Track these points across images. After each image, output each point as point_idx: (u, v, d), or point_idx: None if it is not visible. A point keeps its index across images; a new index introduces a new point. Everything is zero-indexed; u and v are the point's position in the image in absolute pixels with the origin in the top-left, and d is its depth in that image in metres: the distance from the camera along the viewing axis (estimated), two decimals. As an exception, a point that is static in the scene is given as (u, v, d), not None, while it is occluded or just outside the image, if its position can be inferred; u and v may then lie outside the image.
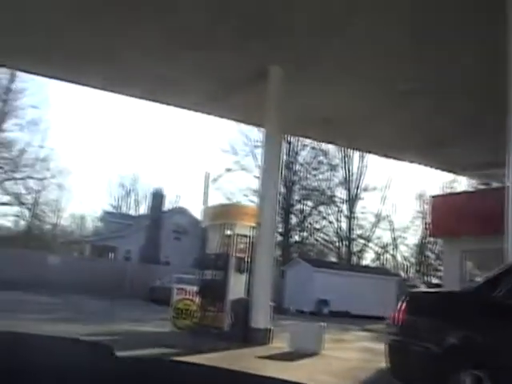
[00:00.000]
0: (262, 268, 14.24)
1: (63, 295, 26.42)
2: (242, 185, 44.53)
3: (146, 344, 11.38)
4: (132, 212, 57.49)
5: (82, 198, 71.32)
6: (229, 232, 15.49)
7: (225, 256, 15.13)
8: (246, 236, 15.21)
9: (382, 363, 7.15)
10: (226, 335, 13.87)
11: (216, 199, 40.10)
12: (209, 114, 18.94)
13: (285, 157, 41.89)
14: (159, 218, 42.01)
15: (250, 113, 16.97)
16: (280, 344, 13.25)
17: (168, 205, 48.32)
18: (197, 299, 15.66)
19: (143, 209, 57.09)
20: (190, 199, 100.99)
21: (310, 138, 28.47)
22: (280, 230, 41.67)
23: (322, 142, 31.80)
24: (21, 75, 40.09)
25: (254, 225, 14.89)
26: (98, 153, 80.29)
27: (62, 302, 23.71)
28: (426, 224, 48.84)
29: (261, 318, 13.91)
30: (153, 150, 79.22)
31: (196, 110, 18.67)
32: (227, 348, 12.13)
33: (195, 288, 15.95)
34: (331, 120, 17.12)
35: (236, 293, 14.69)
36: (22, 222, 49.05)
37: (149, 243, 40.87)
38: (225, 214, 15.89)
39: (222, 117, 19.57)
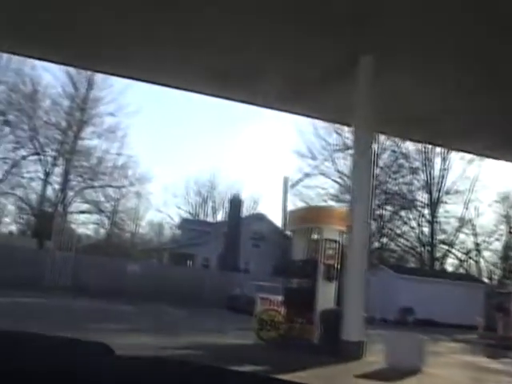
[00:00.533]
0: (355, 276, 13.09)
1: (142, 303, 26.00)
2: (320, 190, 43.19)
3: (233, 360, 10.44)
4: (209, 219, 57.17)
5: (160, 205, 71.46)
6: (316, 237, 14.45)
7: (312, 263, 14.09)
8: (335, 241, 14.15)
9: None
10: (315, 348, 12.84)
11: (294, 205, 39.38)
12: (289, 111, 17.92)
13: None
14: (237, 224, 41.33)
15: (336, 110, 15.87)
16: (374, 358, 12.13)
17: (246, 211, 47.72)
18: (282, 309, 14.65)
19: (220, 216, 56.71)
20: (267, 205, 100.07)
21: (397, 136, 27.07)
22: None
23: (411, 140, 30.30)
24: (98, 84, 40.52)
25: (343, 229, 13.78)
26: (174, 159, 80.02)
27: (141, 311, 23.23)
28: (510, 228, 46.66)
29: (353, 330, 12.77)
30: (229, 153, 78.69)
31: (278, 108, 17.68)
32: (320, 363, 11.07)
33: (280, 297, 14.96)
34: (423, 116, 15.86)
35: (325, 302, 13.64)
36: (102, 230, 49.47)
37: (227, 250, 40.23)
38: (312, 217, 14.83)
39: (306, 115, 18.56)
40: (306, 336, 13.52)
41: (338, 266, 13.84)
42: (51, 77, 43.06)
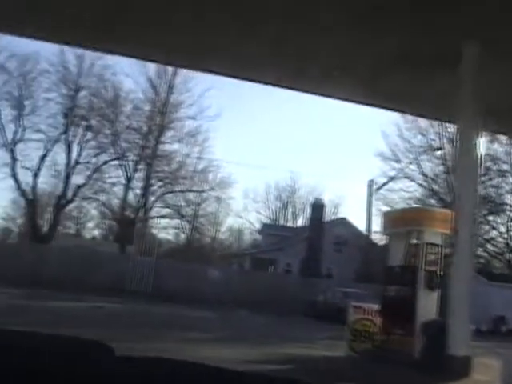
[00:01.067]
0: (460, 284, 11.80)
1: (223, 309, 25.35)
2: (404, 193, 41.72)
3: (329, 375, 9.44)
4: (289, 224, 56.30)
5: (240, 211, 70.94)
6: (416, 241, 13.25)
7: (412, 269, 12.91)
8: (437, 245, 12.92)
9: None
10: (416, 363, 11.65)
11: (377, 209, 38.12)
12: (383, 107, 16.68)
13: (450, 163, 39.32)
14: (319, 229, 40.27)
15: (438, 105, 14.53)
16: (484, 376, 10.87)
17: (327, 215, 46.58)
18: (378, 319, 13.52)
19: (301, 221, 55.75)
20: (349, 209, 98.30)
21: (505, 133, 25.27)
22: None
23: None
24: (178, 87, 40.33)
25: (446, 232, 12.52)
26: (255, 164, 79.03)
27: (222, 318, 22.55)
28: None
29: (459, 344, 11.48)
30: (310, 156, 76.95)
31: (370, 103, 16.46)
32: (427, 381, 9.94)
33: (374, 306, 13.84)
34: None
35: (426, 313, 12.44)
36: (182, 235, 49.39)
37: (309, 256, 39.20)
38: (411, 219, 13.64)
39: (403, 111, 17.31)
40: (405, 349, 12.34)
41: (441, 274, 12.60)
42: (132, 82, 43.30)
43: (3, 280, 23.86)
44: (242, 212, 73.05)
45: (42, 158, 39.26)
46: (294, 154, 65.94)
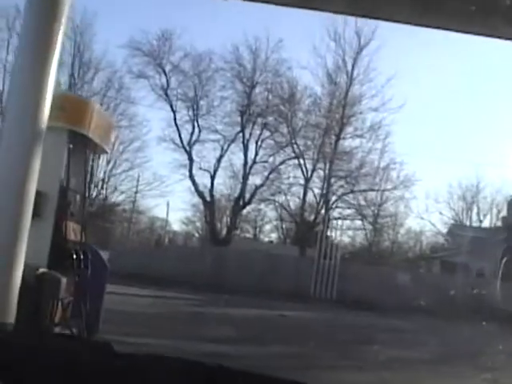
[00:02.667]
0: None
1: (416, 318, 22.50)
2: None
3: None
4: (474, 225, 51.70)
5: (421, 211, 66.26)
6: None
7: None
8: None
9: None
10: None
11: None
12: None
13: None
14: (519, 229, 36.11)
15: None
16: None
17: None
18: None
19: (488, 221, 50.94)
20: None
21: None
22: None
23: None
24: (359, 78, 37.71)
25: None
26: (439, 160, 71.56)
27: (420, 329, 19.73)
28: None
29: None
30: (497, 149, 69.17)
31: None
32: None
33: None
34: None
35: None
36: (362, 237, 46.78)
37: (507, 258, 35.12)
38: None
39: None
40: None
41: None
42: (310, 74, 41.18)
43: (185, 285, 23.15)
44: (424, 213, 68.40)
45: (219, 159, 38.74)
46: (482, 149, 60.15)
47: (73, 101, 6.74)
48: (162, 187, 40.37)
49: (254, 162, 38.50)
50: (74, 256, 6.49)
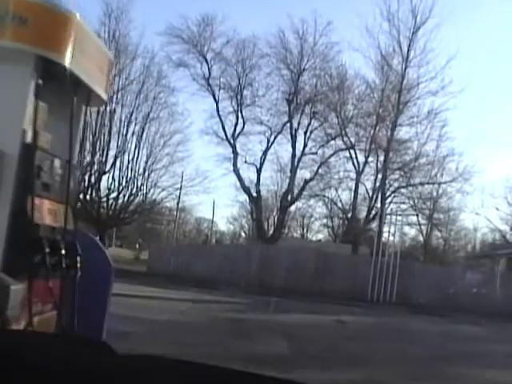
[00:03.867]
0: None
1: (495, 323, 19.77)
2: None
3: None
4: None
5: (477, 206, 62.58)
6: None
7: None
8: None
9: None
10: None
11: None
12: None
13: None
14: None
15: None
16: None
17: None
18: None
19: None
20: None
21: None
22: None
23: None
24: (419, 59, 34.83)
25: None
26: (500, 151, 66.52)
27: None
28: None
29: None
30: None
31: None
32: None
33: None
34: None
35: None
36: (418, 233, 44.24)
37: None
38: None
39: None
40: None
41: None
42: (361, 59, 38.54)
43: (231, 287, 20.98)
44: (479, 208, 64.77)
45: (265, 152, 37.63)
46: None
47: (43, 11, 4.37)
48: (204, 183, 38.34)
49: (303, 154, 36.35)
50: (48, 250, 4.17)
